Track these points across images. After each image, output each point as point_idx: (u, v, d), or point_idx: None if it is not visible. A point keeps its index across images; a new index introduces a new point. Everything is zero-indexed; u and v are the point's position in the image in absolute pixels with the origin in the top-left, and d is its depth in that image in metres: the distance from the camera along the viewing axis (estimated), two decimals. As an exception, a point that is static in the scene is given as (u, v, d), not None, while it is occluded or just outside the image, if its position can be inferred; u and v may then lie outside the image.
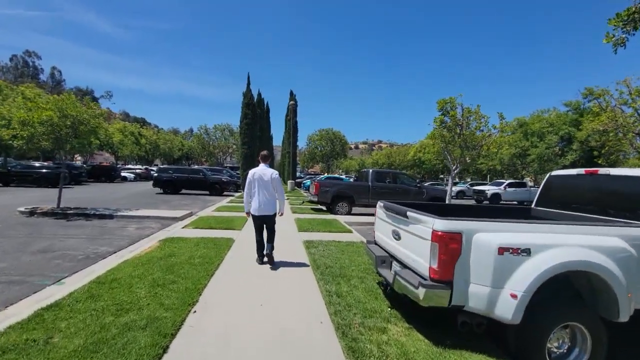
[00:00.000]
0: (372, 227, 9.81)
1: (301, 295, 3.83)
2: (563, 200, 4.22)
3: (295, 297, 3.74)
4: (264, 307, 3.42)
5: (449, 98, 10.66)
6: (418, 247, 3.02)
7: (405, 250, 3.29)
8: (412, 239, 3.14)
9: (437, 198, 12.66)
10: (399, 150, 51.36)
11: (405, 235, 3.33)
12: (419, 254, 2.99)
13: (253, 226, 5.11)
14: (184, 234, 6.82)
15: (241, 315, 3.20)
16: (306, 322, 3.13)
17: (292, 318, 3.20)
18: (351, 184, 12.39)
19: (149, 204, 13.12)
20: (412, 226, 3.15)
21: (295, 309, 3.42)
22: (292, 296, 3.77)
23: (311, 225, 8.76)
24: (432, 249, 2.76)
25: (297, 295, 3.82)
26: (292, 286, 4.10)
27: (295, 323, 3.10)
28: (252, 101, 17.37)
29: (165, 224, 8.74)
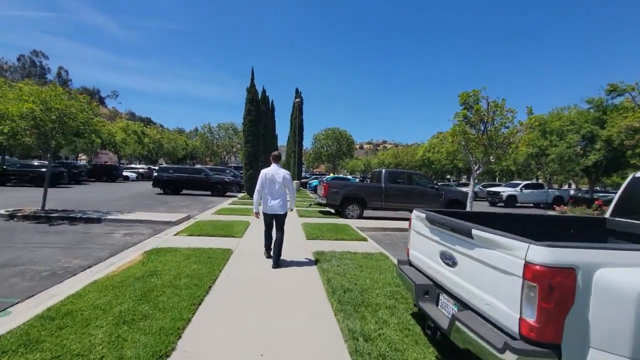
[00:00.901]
0: (388, 234, 8.80)
1: (317, 338, 2.86)
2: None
3: (308, 343, 2.77)
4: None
5: (472, 91, 9.62)
6: (494, 283, 2.04)
7: (468, 284, 2.31)
8: (482, 270, 2.16)
9: (456, 202, 11.61)
10: (407, 150, 50.03)
11: (466, 263, 2.35)
12: (496, 294, 2.01)
13: (263, 222, 5.31)
14: (175, 243, 5.90)
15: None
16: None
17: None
18: (363, 185, 11.41)
19: (146, 206, 12.27)
20: (481, 251, 2.16)
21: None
22: (304, 340, 2.81)
23: (320, 231, 7.80)
24: (525, 292, 1.78)
25: (310, 338, 2.85)
26: (303, 322, 3.14)
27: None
28: (256, 97, 16.45)
29: (157, 229, 7.85)
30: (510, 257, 1.89)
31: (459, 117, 9.80)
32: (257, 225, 8.27)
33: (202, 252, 5.28)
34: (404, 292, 3.98)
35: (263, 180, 4.95)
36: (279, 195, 4.91)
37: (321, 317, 3.26)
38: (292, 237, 7.15)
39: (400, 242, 8.04)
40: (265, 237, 5.23)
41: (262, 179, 4.97)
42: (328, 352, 2.62)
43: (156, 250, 5.27)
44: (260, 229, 7.75)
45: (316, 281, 4.31)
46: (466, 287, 2.32)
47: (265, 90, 21.98)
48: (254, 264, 4.97)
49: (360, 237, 7.45)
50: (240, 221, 8.59)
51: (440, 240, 2.71)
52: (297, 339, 2.78)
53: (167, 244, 5.85)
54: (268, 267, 4.85)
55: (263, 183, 4.95)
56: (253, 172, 16.39)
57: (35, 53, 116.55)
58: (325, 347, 2.69)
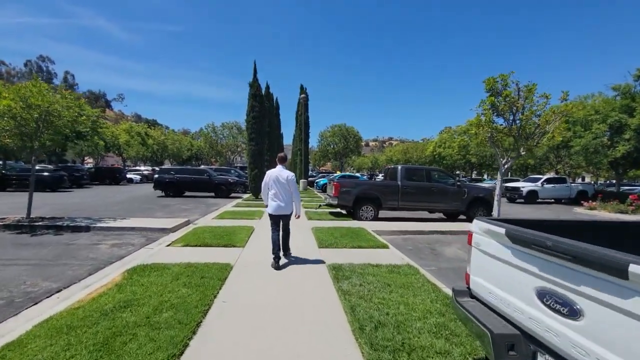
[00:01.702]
0: (408, 238, 7.80)
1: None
2: None
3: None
4: None
5: (499, 75, 8.54)
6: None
7: (611, 354, 1.35)
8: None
9: (481, 200, 10.57)
10: (417, 146, 48.61)
11: (606, 317, 1.39)
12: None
13: (268, 228, 5.29)
14: (165, 258, 5.03)
15: None
16: None
17: None
18: (377, 183, 10.44)
19: (145, 210, 11.49)
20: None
21: None
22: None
23: (334, 237, 6.87)
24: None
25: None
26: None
27: None
28: (260, 92, 15.55)
29: (151, 237, 7.01)
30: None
31: (486, 105, 8.73)
32: (261, 230, 7.38)
33: (195, 269, 4.38)
34: (454, 325, 3.03)
35: (267, 181, 5.03)
36: (284, 196, 4.96)
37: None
38: (302, 245, 6.23)
39: (424, 247, 7.07)
40: (272, 243, 4.97)
41: (266, 181, 5.05)
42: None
43: (141, 267, 4.40)
44: (265, 235, 6.88)
45: (337, 309, 3.38)
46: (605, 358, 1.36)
47: (269, 86, 21.12)
48: (257, 284, 4.06)
49: (380, 244, 6.49)
50: (244, 227, 7.71)
51: (541, 273, 1.75)
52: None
53: (156, 258, 4.98)
54: (275, 286, 3.94)
55: (267, 184, 5.03)
56: (258, 172, 15.53)
57: (41, 58, 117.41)
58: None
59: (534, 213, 14.64)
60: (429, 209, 10.71)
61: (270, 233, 5.02)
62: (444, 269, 5.48)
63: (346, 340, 2.76)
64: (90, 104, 71.66)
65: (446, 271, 5.37)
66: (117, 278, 3.99)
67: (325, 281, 4.22)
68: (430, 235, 8.39)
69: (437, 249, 6.97)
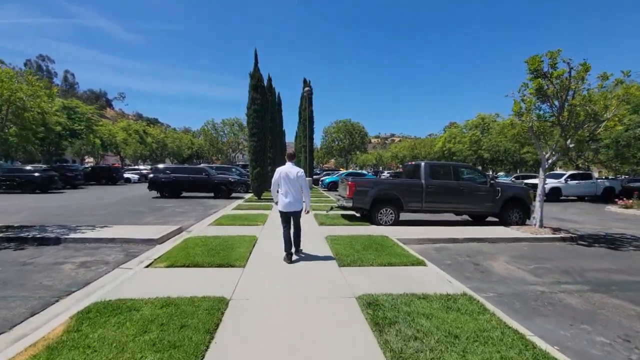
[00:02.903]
0: (441, 248, 6.47)
1: None
2: None
3: None
4: None
5: (547, 53, 7.16)
6: None
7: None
8: None
9: (517, 200, 9.22)
10: (424, 142, 47.01)
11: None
12: None
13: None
14: (140, 287, 3.76)
15: None
16: None
17: None
18: (398, 182, 9.10)
19: (134, 214, 10.26)
20: None
21: None
22: None
23: (355, 250, 5.57)
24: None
25: None
26: None
27: None
28: (261, 83, 14.21)
29: (131, 252, 5.75)
30: None
31: (531, 89, 7.34)
32: (266, 240, 6.09)
33: (175, 310, 3.10)
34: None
35: (277, 178, 5.04)
36: (294, 193, 4.97)
37: None
38: (318, 262, 4.94)
39: (466, 262, 5.76)
40: (284, 240, 5.05)
41: (276, 178, 5.06)
42: None
43: (99, 308, 3.12)
44: (271, 246, 5.63)
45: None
46: None
47: (271, 78, 19.75)
48: (263, 335, 2.77)
49: (414, 259, 5.18)
50: (244, 237, 6.42)
51: None
52: None
53: (126, 289, 3.70)
54: (289, 340, 2.65)
55: (277, 181, 5.05)
56: (260, 170, 14.25)
57: (41, 57, 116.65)
58: None
59: (563, 213, 13.27)
60: (456, 211, 9.39)
61: (282, 231, 5.06)
62: (505, 296, 4.18)
63: None
64: (91, 103, 70.67)
65: (510, 300, 4.07)
66: (57, 330, 2.71)
67: (360, 329, 2.92)
68: (466, 245, 7.07)
69: (482, 264, 5.66)
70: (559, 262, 5.87)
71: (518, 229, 8.43)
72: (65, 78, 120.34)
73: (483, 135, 32.07)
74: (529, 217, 9.33)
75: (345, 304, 3.45)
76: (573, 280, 4.90)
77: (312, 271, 4.55)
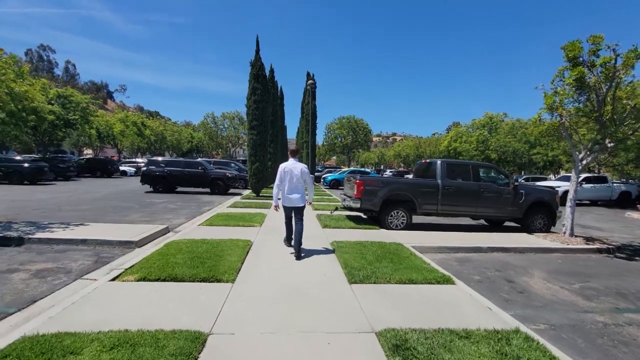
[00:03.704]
0: (463, 258, 5.42)
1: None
2: None
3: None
4: None
5: (590, 37, 6.24)
6: None
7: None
8: None
9: (542, 204, 8.35)
10: (429, 141, 45.91)
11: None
12: None
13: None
14: (94, 313, 2.90)
15: None
16: None
17: None
18: (412, 182, 8.19)
19: (121, 210, 9.39)
20: None
21: None
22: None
23: (367, 261, 4.70)
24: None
25: None
26: None
27: None
28: (263, 72, 13.27)
29: (103, 257, 4.88)
30: None
31: (569, 79, 6.41)
32: (263, 246, 5.19)
33: (128, 354, 2.22)
34: None
35: (282, 174, 5.04)
36: (297, 188, 5.01)
37: None
38: (324, 276, 4.07)
39: (497, 278, 4.89)
40: (286, 227, 5.35)
41: (280, 174, 5.05)
42: None
43: (22, 349, 2.25)
44: (268, 255, 4.79)
45: None
46: None
47: (273, 70, 18.79)
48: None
49: (439, 275, 4.30)
50: (237, 241, 5.54)
51: None
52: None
53: (73, 316, 2.83)
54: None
55: (282, 177, 5.05)
56: (260, 165, 13.36)
57: (42, 47, 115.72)
58: None
59: (581, 219, 12.36)
60: (475, 215, 8.50)
61: (283, 228, 5.35)
62: (561, 329, 3.31)
63: None
64: (95, 96, 69.68)
65: (569, 334, 3.19)
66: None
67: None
68: (491, 255, 6.19)
69: (516, 281, 4.79)
70: (606, 280, 4.99)
71: (545, 237, 7.55)
72: (66, 68, 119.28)
73: (491, 135, 31.11)
74: (554, 223, 8.47)
75: (364, 345, 2.56)
76: (635, 306, 4.02)
77: (317, 289, 3.68)
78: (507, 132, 28.67)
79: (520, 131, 27.47)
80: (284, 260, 4.76)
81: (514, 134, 28.07)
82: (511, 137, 27.98)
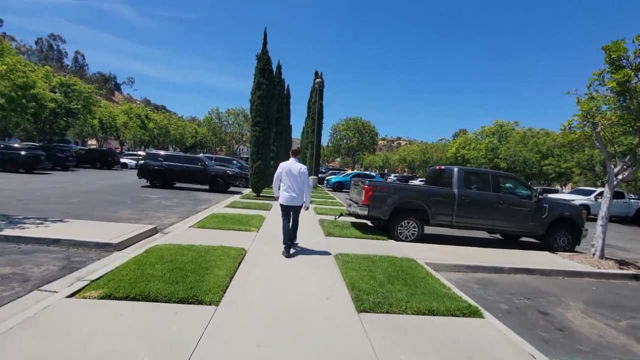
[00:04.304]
0: (483, 279, 4.46)
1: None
2: None
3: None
4: None
5: (637, 37, 5.54)
6: None
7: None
8: None
9: (566, 220, 7.63)
10: (436, 146, 45.01)
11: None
12: None
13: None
14: (18, 354, 2.24)
15: None
16: None
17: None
18: (426, 190, 7.48)
19: (111, 205, 8.80)
20: None
21: None
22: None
23: (377, 282, 4.03)
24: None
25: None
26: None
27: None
28: (269, 66, 12.64)
29: (73, 262, 4.24)
30: None
31: (612, 82, 5.69)
32: (259, 255, 4.48)
33: None
34: None
35: (280, 173, 5.14)
36: (295, 188, 5.06)
37: None
38: (327, 301, 3.40)
39: (526, 307, 4.18)
40: (283, 232, 5.18)
41: (279, 172, 5.15)
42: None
43: None
44: (264, 268, 4.14)
45: None
46: None
47: (281, 66, 18.17)
48: None
49: (463, 305, 3.60)
50: (229, 250, 4.88)
51: None
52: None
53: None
54: None
55: (280, 176, 5.15)
56: (262, 163, 12.72)
57: (52, 36, 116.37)
58: None
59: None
60: (492, 229, 7.80)
61: (281, 224, 5.18)
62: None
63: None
64: (99, 86, 69.63)
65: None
66: None
67: None
68: (514, 277, 5.49)
69: (551, 313, 4.08)
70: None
71: (570, 257, 6.82)
72: (75, 59, 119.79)
73: (500, 143, 30.25)
74: (579, 242, 7.74)
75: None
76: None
77: (319, 319, 3.02)
78: (517, 141, 27.83)
79: (531, 141, 26.71)
80: (281, 276, 4.10)
81: (524, 143, 27.27)
82: (522, 146, 27.16)
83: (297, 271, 4.35)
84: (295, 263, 4.74)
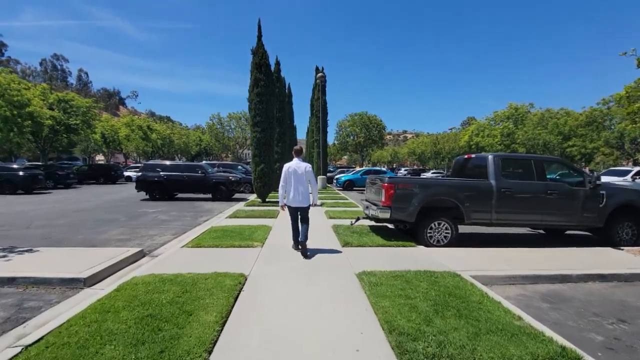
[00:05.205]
0: (554, 295, 3.46)
1: None
2: None
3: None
4: None
5: None
6: None
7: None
8: None
9: (631, 209, 6.38)
10: (448, 136, 43.25)
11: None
12: None
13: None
14: None
15: None
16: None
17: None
18: (457, 184, 6.31)
19: (100, 224, 7.93)
20: None
21: None
22: None
23: (420, 316, 2.95)
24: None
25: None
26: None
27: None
28: (266, 60, 11.63)
29: (18, 313, 3.29)
30: None
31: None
32: (262, 286, 3.37)
33: None
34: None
35: (286, 174, 5.06)
36: (301, 188, 5.02)
37: None
38: (359, 356, 2.33)
39: (623, 333, 3.04)
40: (292, 230, 5.28)
41: (285, 174, 5.08)
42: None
43: None
44: (269, 309, 3.09)
45: None
46: None
47: (279, 62, 17.16)
48: None
49: (552, 349, 2.49)
50: (224, 278, 3.85)
51: None
52: None
53: None
54: None
55: (286, 177, 5.06)
56: (265, 167, 11.72)
57: (55, 57, 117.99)
58: None
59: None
60: (539, 225, 6.61)
61: (290, 227, 5.28)
62: None
63: None
64: (104, 102, 69.92)
65: None
66: None
67: None
68: (587, 287, 4.33)
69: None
70: None
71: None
72: (79, 77, 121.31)
73: (517, 127, 28.61)
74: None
75: None
76: None
77: None
78: (536, 123, 26.17)
79: (551, 122, 25.02)
80: (290, 316, 3.04)
81: (543, 125, 25.61)
82: (541, 128, 25.51)
83: (312, 305, 3.29)
84: (309, 289, 3.69)
